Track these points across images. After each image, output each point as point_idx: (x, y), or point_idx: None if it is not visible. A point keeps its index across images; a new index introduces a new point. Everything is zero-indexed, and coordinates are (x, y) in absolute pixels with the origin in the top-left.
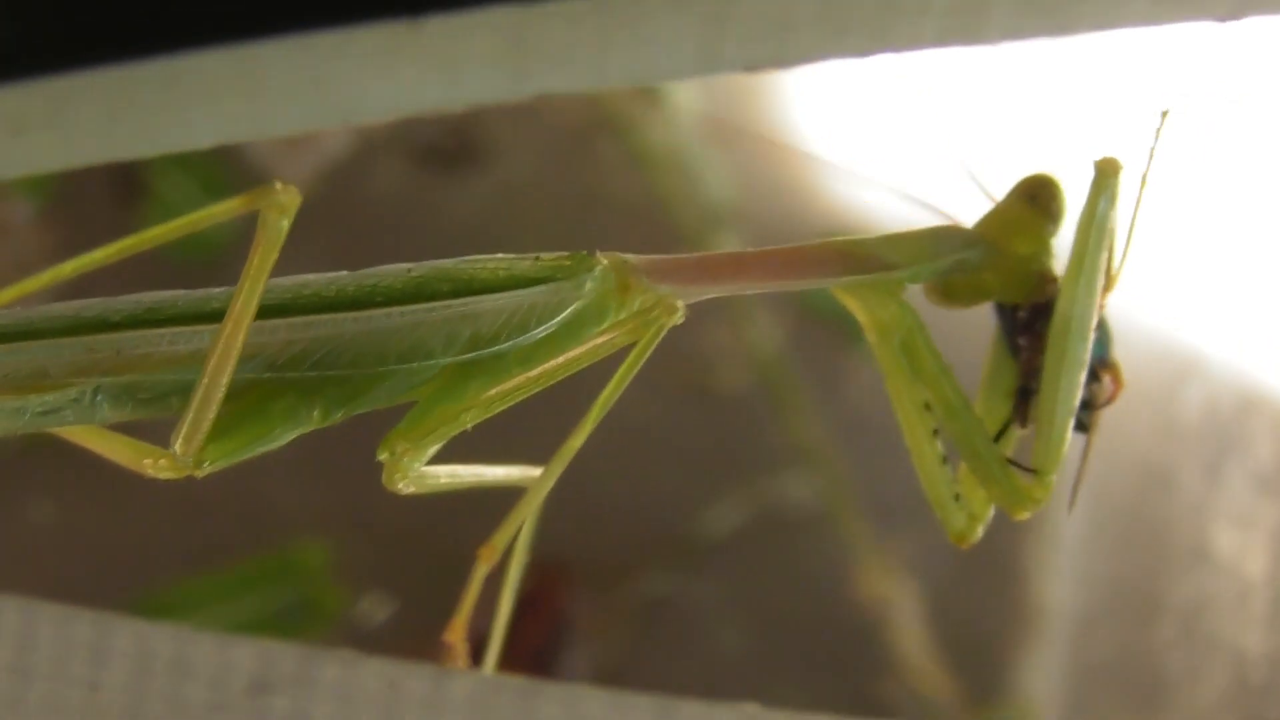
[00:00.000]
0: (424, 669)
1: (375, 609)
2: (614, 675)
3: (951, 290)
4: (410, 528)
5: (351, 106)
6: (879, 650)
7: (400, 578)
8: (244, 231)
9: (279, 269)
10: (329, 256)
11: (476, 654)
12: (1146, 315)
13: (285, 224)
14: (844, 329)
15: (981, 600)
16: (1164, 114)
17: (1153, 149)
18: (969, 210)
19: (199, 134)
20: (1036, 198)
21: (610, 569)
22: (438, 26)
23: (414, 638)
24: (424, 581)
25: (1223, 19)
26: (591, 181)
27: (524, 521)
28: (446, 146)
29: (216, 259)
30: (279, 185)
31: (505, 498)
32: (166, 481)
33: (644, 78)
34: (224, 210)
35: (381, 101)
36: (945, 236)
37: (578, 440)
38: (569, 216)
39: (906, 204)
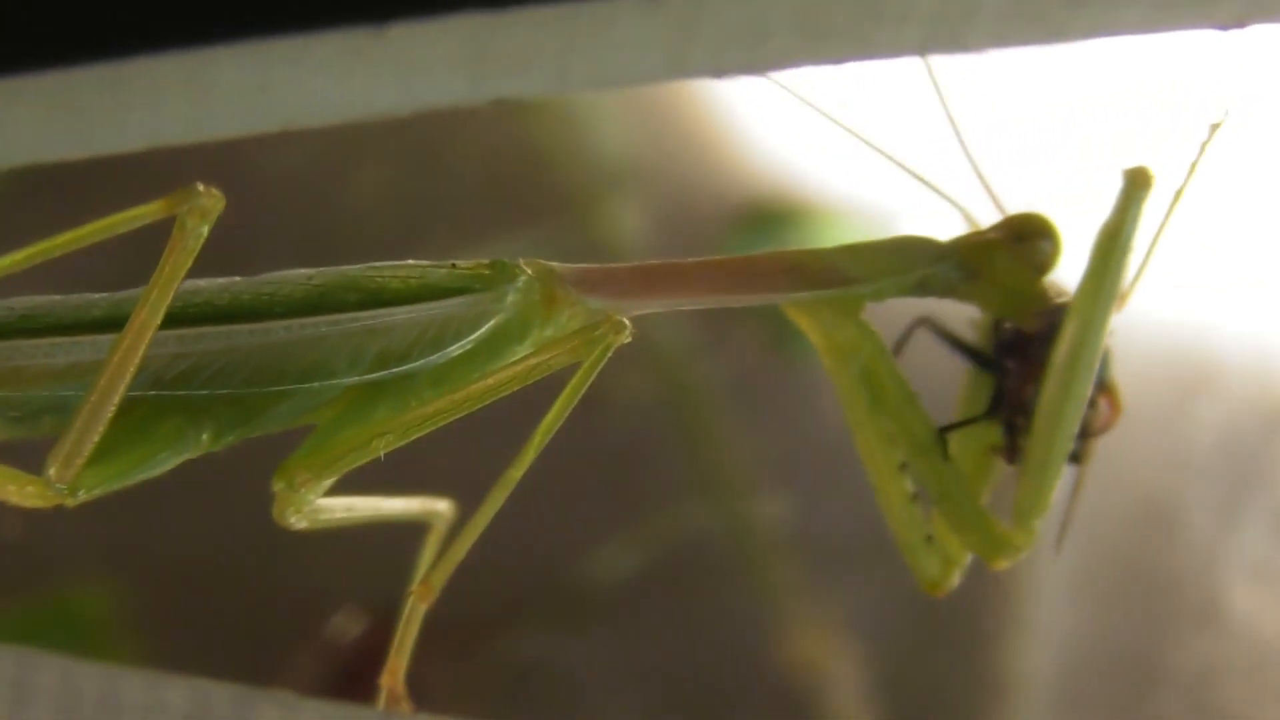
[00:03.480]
0: (367, 712)
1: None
2: None
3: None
4: (213, 568)
5: (296, 111)
6: None
7: (201, 630)
8: None
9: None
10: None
11: None
12: (1150, 316)
13: (205, 230)
14: (770, 325)
15: (941, 668)
16: (1214, 127)
17: (1195, 163)
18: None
19: (134, 136)
20: (1024, 239)
21: (470, 627)
22: (401, 32)
23: None
24: (227, 635)
25: (1225, 27)
26: (447, 131)
27: (460, 558)
28: None
29: None
30: (201, 188)
31: (331, 540)
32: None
33: (609, 83)
34: (142, 214)
35: (328, 107)
36: (913, 249)
37: (518, 470)
38: (426, 179)
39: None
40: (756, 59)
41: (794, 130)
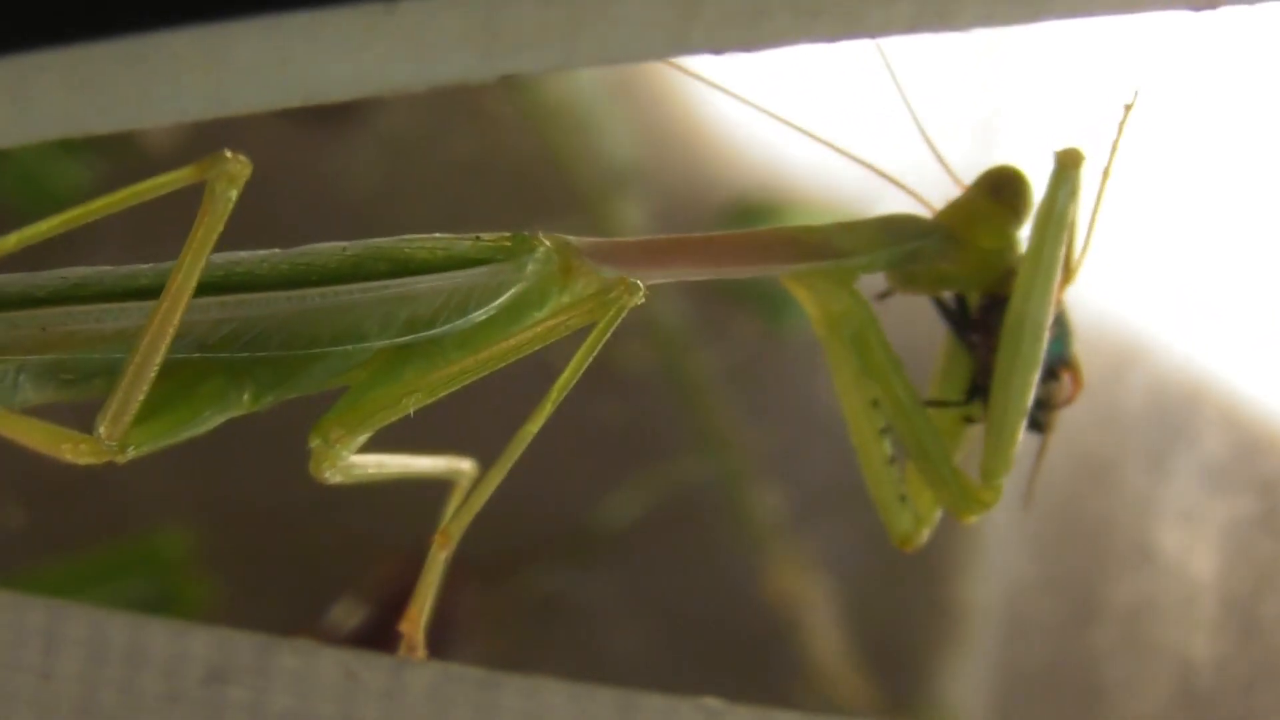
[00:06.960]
0: (383, 659)
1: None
2: None
3: (911, 278)
4: (277, 516)
5: (315, 86)
6: (789, 652)
7: (267, 569)
8: None
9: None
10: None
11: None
12: (1086, 296)
13: (234, 194)
14: (758, 306)
15: (902, 600)
16: (1127, 108)
17: (1115, 143)
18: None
19: (158, 111)
20: (1001, 191)
21: (498, 561)
22: (412, 8)
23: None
24: (291, 573)
25: (1197, 8)
26: (483, 139)
27: (479, 508)
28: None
29: None
30: (229, 154)
31: (379, 491)
32: (85, 466)
33: (613, 59)
34: (173, 180)
35: (346, 82)
36: (902, 225)
37: (535, 424)
38: (459, 177)
39: (846, 167)
40: (754, 37)
41: (777, 132)
